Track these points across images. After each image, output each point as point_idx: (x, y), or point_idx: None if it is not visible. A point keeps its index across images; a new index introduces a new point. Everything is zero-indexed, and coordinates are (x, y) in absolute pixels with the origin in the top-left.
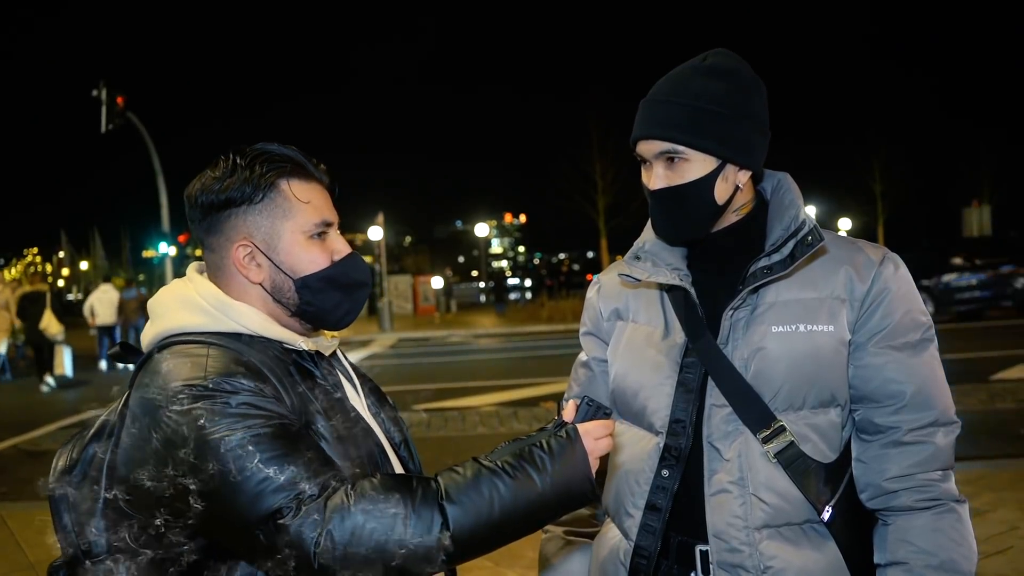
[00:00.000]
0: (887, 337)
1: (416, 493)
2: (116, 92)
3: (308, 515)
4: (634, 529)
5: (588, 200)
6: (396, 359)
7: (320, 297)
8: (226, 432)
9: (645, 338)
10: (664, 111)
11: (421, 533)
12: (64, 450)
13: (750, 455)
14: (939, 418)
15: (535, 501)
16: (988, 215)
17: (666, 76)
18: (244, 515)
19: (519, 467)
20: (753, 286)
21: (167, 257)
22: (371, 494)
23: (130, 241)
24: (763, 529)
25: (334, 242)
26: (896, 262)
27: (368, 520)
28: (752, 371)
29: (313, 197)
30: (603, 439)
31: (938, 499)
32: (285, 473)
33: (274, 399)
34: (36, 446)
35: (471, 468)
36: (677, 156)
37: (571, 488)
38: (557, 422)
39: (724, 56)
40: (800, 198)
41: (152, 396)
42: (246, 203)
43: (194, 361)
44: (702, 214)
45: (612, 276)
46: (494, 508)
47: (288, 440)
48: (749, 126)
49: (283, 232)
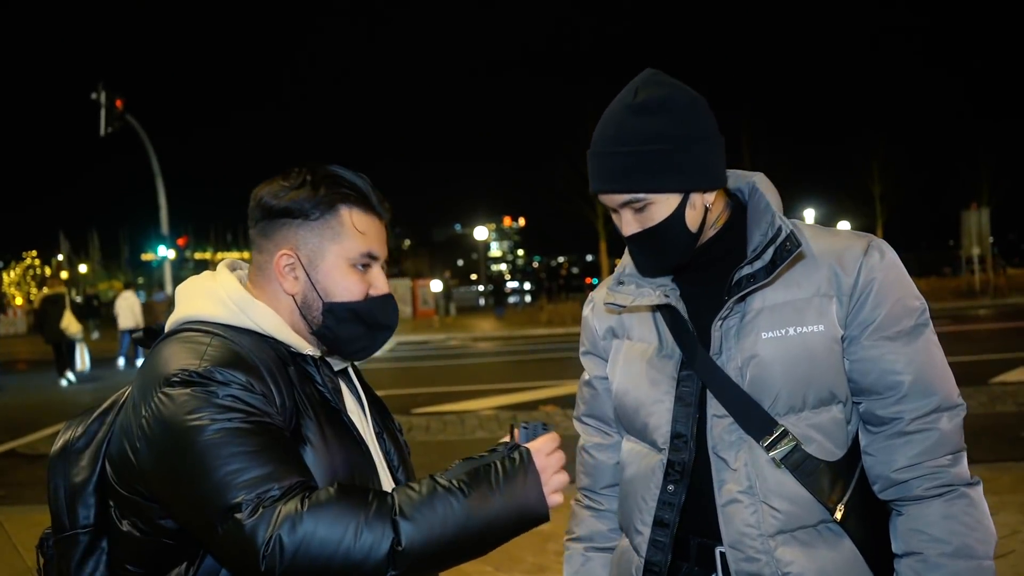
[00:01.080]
0: (880, 328)
1: (371, 506)
2: (115, 95)
3: (263, 517)
4: (644, 545)
5: (587, 203)
6: (395, 363)
7: (342, 327)
8: (206, 420)
9: (640, 355)
10: (613, 163)
11: (370, 546)
12: (71, 424)
13: (756, 463)
14: (941, 403)
15: (489, 521)
16: (987, 217)
17: (602, 121)
18: (206, 503)
19: (474, 486)
20: (739, 295)
21: (166, 260)
22: (325, 503)
23: (129, 244)
24: (777, 535)
25: (375, 277)
26: (882, 249)
27: (319, 529)
28: (748, 379)
29: (368, 229)
30: (555, 453)
31: (949, 484)
32: (253, 470)
33: (263, 396)
34: (34, 450)
35: (427, 485)
36: (640, 202)
37: (524, 509)
38: (510, 444)
39: (655, 85)
40: (776, 201)
41: (149, 376)
42: (302, 217)
43: (194, 348)
44: (680, 245)
45: (603, 294)
46: (447, 526)
47: (264, 439)
48: (699, 149)
49: (328, 253)
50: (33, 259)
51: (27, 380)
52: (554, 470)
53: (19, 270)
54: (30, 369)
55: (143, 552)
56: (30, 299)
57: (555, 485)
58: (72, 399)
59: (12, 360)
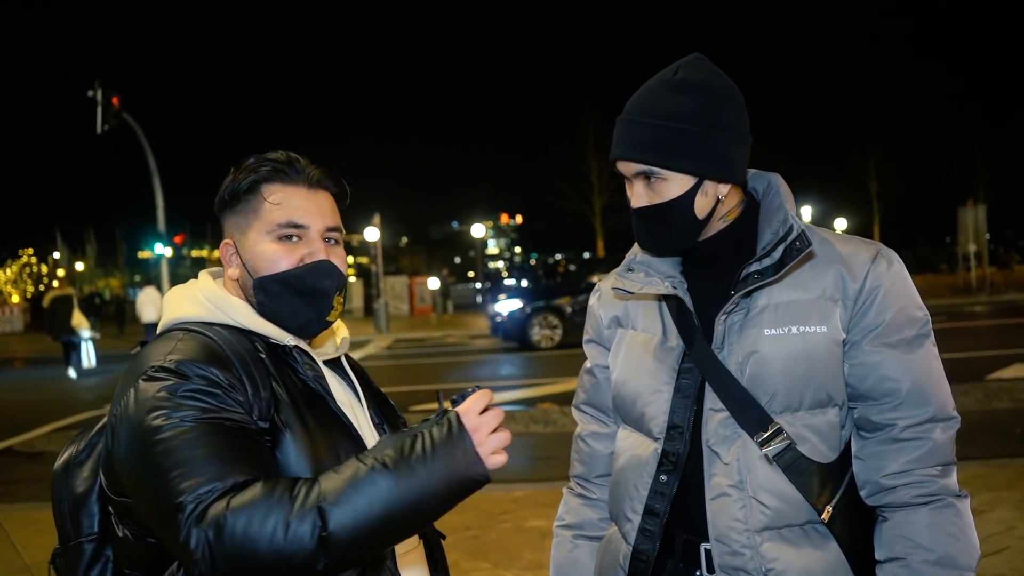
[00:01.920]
0: (881, 335)
1: (297, 497)
2: (111, 92)
3: (197, 518)
4: (632, 533)
5: (584, 201)
6: (392, 360)
7: (276, 301)
8: (161, 420)
9: (643, 345)
10: (637, 132)
11: (299, 539)
12: (74, 440)
13: (748, 458)
14: (936, 414)
15: (420, 492)
16: (984, 214)
17: (638, 92)
18: (156, 503)
19: (400, 460)
20: (745, 291)
21: (163, 258)
22: (250, 500)
23: (126, 242)
24: (764, 531)
25: (309, 246)
26: (890, 258)
27: (246, 525)
28: (747, 374)
29: (288, 200)
30: (488, 412)
31: (936, 494)
32: (197, 472)
33: (229, 387)
34: (31, 448)
35: (351, 467)
36: (654, 176)
37: (457, 473)
38: (440, 411)
39: (696, 68)
40: (789, 200)
41: (126, 375)
42: (232, 205)
43: (166, 345)
44: (684, 229)
45: (612, 281)
46: (375, 505)
47: (217, 439)
48: (726, 140)
49: (250, 231)
50: (30, 257)
51: (25, 377)
52: (489, 428)
53: (15, 268)
54: (27, 367)
55: (139, 555)
56: (27, 297)
57: (493, 444)
58: (70, 396)
59: (10, 358)
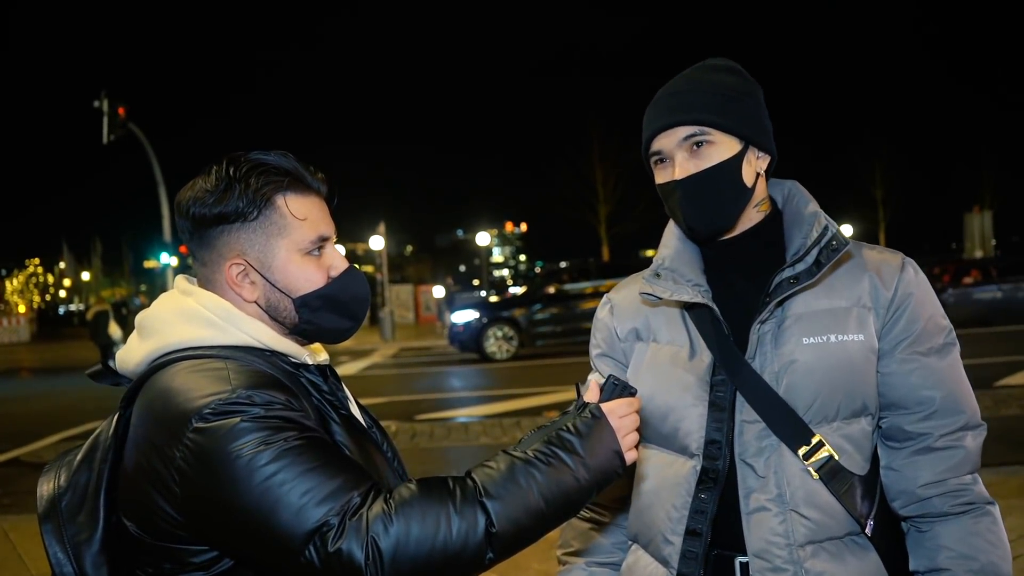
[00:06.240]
0: (914, 343)
1: (455, 493)
2: (117, 102)
3: (352, 529)
4: (675, 556)
5: (589, 209)
6: (398, 368)
7: (320, 315)
8: (260, 447)
9: (670, 358)
10: (688, 98)
11: (466, 533)
12: (47, 477)
13: (786, 471)
14: (968, 422)
15: (571, 484)
16: (990, 220)
17: (673, 79)
18: (284, 533)
19: (551, 453)
20: (780, 297)
21: (168, 268)
22: (410, 499)
23: (131, 251)
24: (807, 546)
25: (330, 257)
26: (914, 266)
27: (412, 527)
28: (784, 385)
29: (310, 212)
30: (628, 416)
31: (972, 503)
32: (326, 486)
33: (301, 412)
34: (38, 458)
35: (504, 460)
36: (703, 140)
37: (603, 466)
38: (578, 403)
39: (726, 60)
40: (815, 203)
41: (165, 416)
42: (240, 220)
43: (215, 375)
44: (731, 197)
45: (626, 294)
46: (533, 497)
47: (324, 452)
48: (761, 112)
49: (278, 250)
50: (36, 267)
51: (31, 387)
52: (628, 430)
53: (22, 278)
54: (34, 377)
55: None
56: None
57: (628, 445)
58: (76, 406)
59: (16, 368)
